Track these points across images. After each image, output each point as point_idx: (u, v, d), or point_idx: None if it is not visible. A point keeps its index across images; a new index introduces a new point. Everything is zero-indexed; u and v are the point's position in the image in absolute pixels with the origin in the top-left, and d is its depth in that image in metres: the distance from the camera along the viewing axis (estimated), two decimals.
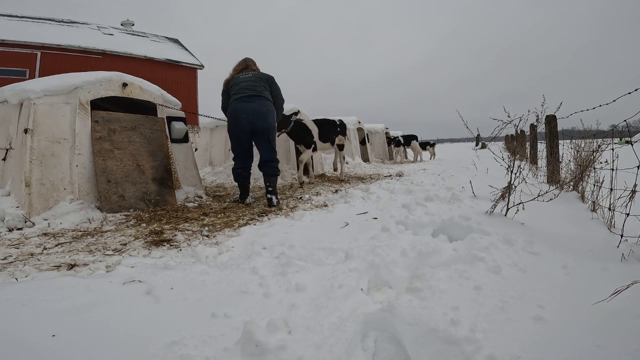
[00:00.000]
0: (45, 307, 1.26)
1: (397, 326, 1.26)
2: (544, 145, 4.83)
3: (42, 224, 2.68)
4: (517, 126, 2.63)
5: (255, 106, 3.53)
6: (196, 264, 1.82)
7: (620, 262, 1.73)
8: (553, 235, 2.19)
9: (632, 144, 1.97)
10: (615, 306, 1.27)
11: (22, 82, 3.30)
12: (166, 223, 2.85)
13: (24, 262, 1.94)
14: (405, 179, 5.33)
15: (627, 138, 2.95)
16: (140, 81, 3.66)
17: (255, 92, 3.57)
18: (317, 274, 1.66)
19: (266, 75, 3.76)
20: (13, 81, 3.66)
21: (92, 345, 1.10)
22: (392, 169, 8.02)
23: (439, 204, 2.97)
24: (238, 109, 3.50)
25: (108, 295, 1.40)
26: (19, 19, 15.45)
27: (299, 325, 1.24)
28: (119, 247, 2.23)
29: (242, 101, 3.52)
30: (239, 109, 3.50)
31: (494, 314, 1.30)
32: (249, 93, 3.55)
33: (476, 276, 1.55)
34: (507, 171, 2.68)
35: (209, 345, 1.14)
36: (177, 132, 3.91)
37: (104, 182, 3.13)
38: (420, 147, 12.35)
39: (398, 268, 1.74)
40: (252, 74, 3.69)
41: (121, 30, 18.70)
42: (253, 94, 3.55)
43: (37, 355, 1.03)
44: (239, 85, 3.60)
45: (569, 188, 3.49)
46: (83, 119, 3.16)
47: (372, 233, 2.25)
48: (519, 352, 1.09)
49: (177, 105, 4.04)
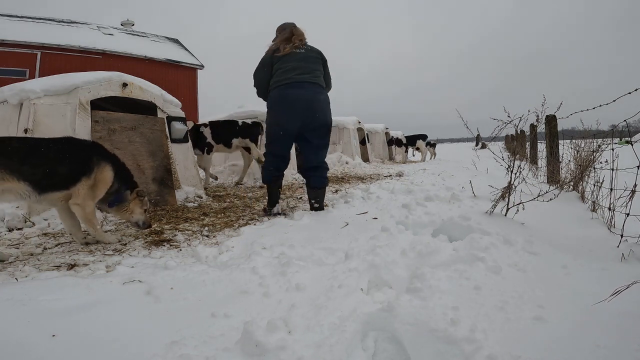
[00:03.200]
0: (45, 307, 1.26)
1: (397, 326, 1.26)
2: (544, 145, 4.83)
3: (42, 224, 2.68)
4: (517, 126, 2.63)
5: (313, 95, 2.82)
6: (196, 264, 1.82)
7: (620, 262, 1.73)
8: (553, 235, 2.19)
9: (632, 144, 1.97)
10: (615, 306, 1.26)
11: (22, 82, 3.30)
12: (166, 223, 2.86)
13: (24, 262, 1.94)
14: (405, 179, 5.33)
15: (627, 138, 2.94)
16: (140, 81, 3.66)
17: (313, 76, 2.85)
18: (317, 274, 1.65)
19: (319, 51, 3.00)
20: (13, 81, 3.66)
21: (92, 345, 1.10)
22: (392, 169, 8.02)
23: (439, 204, 2.97)
24: (289, 97, 2.77)
25: (108, 295, 1.40)
26: (19, 19, 15.45)
27: (299, 325, 1.24)
28: (119, 247, 2.23)
29: (293, 87, 2.78)
30: (290, 97, 2.77)
31: (494, 314, 1.30)
32: (304, 78, 2.81)
33: (476, 276, 1.55)
34: (507, 171, 2.68)
35: (209, 345, 1.14)
36: (177, 132, 3.91)
37: None
38: (425, 147, 12.35)
39: (398, 268, 1.73)
40: (305, 50, 2.92)
41: (121, 30, 18.70)
42: (309, 81, 2.82)
43: (38, 355, 1.03)
44: (290, 64, 2.83)
45: (569, 188, 3.49)
46: (83, 119, 3.16)
47: (372, 233, 2.25)
48: (519, 352, 1.09)
49: (177, 105, 4.04)
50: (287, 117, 2.81)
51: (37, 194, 1.96)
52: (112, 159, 2.28)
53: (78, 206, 2.11)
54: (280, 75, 2.83)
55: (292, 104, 2.77)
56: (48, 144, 2.05)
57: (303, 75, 2.82)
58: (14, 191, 1.89)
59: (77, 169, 2.09)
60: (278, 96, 2.81)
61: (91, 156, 2.17)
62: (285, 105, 2.79)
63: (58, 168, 2.02)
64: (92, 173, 2.14)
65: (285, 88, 2.80)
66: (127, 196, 2.34)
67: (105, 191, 2.23)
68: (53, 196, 2.06)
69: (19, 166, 1.88)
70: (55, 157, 2.03)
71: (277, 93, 2.82)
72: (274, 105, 2.86)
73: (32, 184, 1.92)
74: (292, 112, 2.79)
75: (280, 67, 2.85)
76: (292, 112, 2.79)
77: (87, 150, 2.19)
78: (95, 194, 2.17)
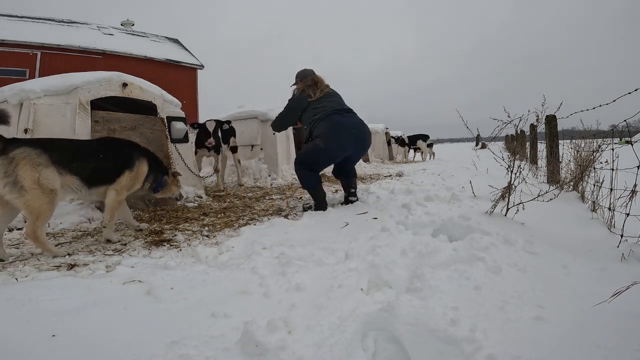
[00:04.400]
0: (45, 307, 1.26)
1: (397, 326, 1.26)
2: (544, 145, 4.83)
3: None
4: (517, 126, 2.62)
5: (362, 121, 3.15)
6: (196, 264, 1.82)
7: (620, 262, 1.73)
8: (553, 235, 2.19)
9: (632, 144, 1.97)
10: (615, 306, 1.26)
11: (22, 82, 3.30)
12: (166, 223, 2.86)
13: (24, 262, 1.94)
14: (405, 179, 5.33)
15: (627, 138, 2.94)
16: (140, 81, 3.66)
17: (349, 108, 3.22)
18: (317, 274, 1.65)
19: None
20: (13, 81, 3.66)
21: (92, 345, 1.10)
22: (392, 169, 8.02)
23: (439, 204, 2.96)
24: (345, 124, 3.01)
25: (108, 295, 1.40)
26: (19, 19, 15.44)
27: (299, 325, 1.24)
28: (119, 247, 2.23)
29: (343, 115, 3.07)
30: (346, 124, 3.01)
31: (494, 314, 1.30)
32: (347, 108, 3.19)
33: (476, 276, 1.55)
34: (507, 171, 2.68)
35: (209, 345, 1.14)
36: (177, 132, 3.90)
37: None
38: (426, 147, 12.35)
39: (398, 268, 1.73)
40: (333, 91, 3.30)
41: (121, 30, 18.69)
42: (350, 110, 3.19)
43: (38, 355, 1.03)
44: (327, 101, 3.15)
45: (569, 188, 3.49)
46: (83, 119, 3.16)
47: (372, 233, 2.25)
48: (519, 352, 1.09)
49: (177, 105, 4.04)
50: (346, 143, 3.02)
51: (87, 187, 2.22)
52: (147, 154, 2.59)
53: (115, 191, 2.36)
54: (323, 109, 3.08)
55: (350, 130, 3.01)
56: (93, 144, 2.38)
57: (344, 107, 3.17)
58: (66, 185, 2.13)
59: (122, 164, 2.39)
60: (335, 123, 3.00)
61: (132, 153, 2.48)
62: (345, 133, 2.99)
63: (104, 164, 2.29)
64: (134, 167, 2.44)
65: (338, 115, 3.03)
66: (166, 181, 2.73)
67: (142, 182, 2.53)
68: (102, 189, 2.32)
69: (71, 163, 2.13)
70: (102, 155, 2.30)
71: (333, 120, 3.01)
72: (333, 132, 2.99)
73: (82, 179, 2.18)
74: (351, 138, 3.02)
75: (319, 105, 3.11)
76: (351, 138, 3.02)
77: (128, 148, 2.50)
78: (133, 185, 2.47)
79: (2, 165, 1.90)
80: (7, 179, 1.90)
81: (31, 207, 1.95)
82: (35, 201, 1.95)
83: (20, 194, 1.92)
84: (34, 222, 1.97)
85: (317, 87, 3.22)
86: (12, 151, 1.94)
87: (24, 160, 1.94)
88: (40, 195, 1.96)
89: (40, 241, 1.99)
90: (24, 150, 1.97)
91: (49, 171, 2.01)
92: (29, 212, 1.96)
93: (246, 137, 6.21)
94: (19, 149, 1.96)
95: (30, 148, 1.99)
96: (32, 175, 1.94)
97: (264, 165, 5.84)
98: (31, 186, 1.94)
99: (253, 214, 3.18)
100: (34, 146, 2.02)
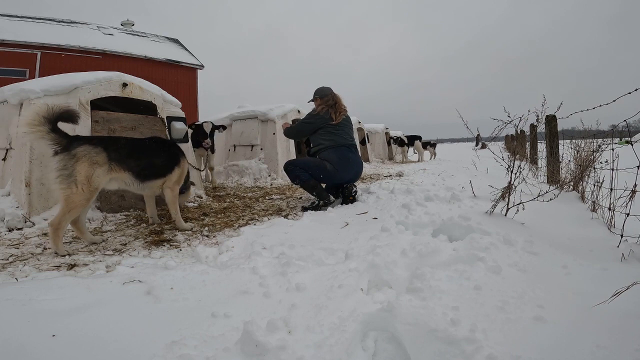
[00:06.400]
0: (45, 307, 1.26)
1: (397, 326, 1.26)
2: (544, 145, 4.83)
3: (42, 224, 2.68)
4: (517, 126, 2.62)
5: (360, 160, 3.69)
6: (196, 264, 1.82)
7: (620, 262, 1.73)
8: (553, 235, 2.19)
9: (632, 144, 1.97)
10: (615, 306, 1.26)
11: (22, 82, 3.30)
12: (166, 223, 2.85)
13: (24, 262, 1.94)
14: (405, 179, 5.33)
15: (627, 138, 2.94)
16: (140, 81, 3.66)
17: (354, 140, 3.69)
18: (317, 274, 1.65)
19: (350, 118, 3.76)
20: (13, 81, 3.66)
21: (92, 346, 1.10)
22: (392, 169, 8.02)
23: (439, 204, 2.96)
24: (350, 160, 3.51)
25: (108, 295, 1.40)
26: (19, 19, 15.43)
27: (299, 325, 1.24)
28: (119, 247, 2.23)
29: (352, 152, 3.57)
30: (351, 161, 3.52)
31: (494, 314, 1.30)
32: (353, 142, 3.63)
33: (476, 276, 1.55)
34: (507, 171, 2.68)
35: (209, 345, 1.14)
36: (177, 132, 3.90)
37: None
38: (422, 148, 12.35)
39: (398, 268, 1.73)
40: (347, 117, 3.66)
41: (121, 30, 18.69)
42: (355, 145, 3.66)
43: (38, 355, 1.03)
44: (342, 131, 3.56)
45: (569, 188, 3.49)
46: (83, 119, 3.16)
47: (372, 233, 2.25)
48: (519, 352, 1.09)
49: (177, 105, 4.04)
50: (346, 175, 3.53)
51: (140, 182, 2.41)
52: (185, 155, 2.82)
53: (170, 189, 2.63)
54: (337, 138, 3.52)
55: (352, 166, 3.54)
56: (144, 142, 2.55)
57: (352, 141, 3.64)
58: (119, 180, 2.32)
59: (171, 161, 2.62)
60: (344, 157, 3.49)
61: (178, 151, 2.72)
62: (348, 167, 3.51)
63: (155, 161, 2.51)
64: (181, 164, 2.68)
65: (347, 151, 3.53)
66: (189, 185, 3.00)
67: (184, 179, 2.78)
68: (153, 184, 2.52)
69: (125, 160, 2.30)
70: (154, 153, 2.51)
71: (344, 154, 3.49)
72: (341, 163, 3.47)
73: (135, 174, 2.36)
74: (352, 173, 3.56)
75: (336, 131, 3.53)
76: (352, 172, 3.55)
77: (174, 147, 2.74)
78: (180, 181, 2.71)
79: (64, 159, 2.06)
80: (63, 171, 2.05)
81: (70, 200, 2.07)
82: (77, 196, 2.07)
83: (67, 186, 2.05)
84: (64, 214, 2.07)
85: (336, 108, 3.57)
86: (75, 148, 2.09)
87: (84, 157, 2.10)
88: (83, 192, 2.09)
89: (57, 234, 2.06)
90: (85, 148, 2.12)
91: (102, 170, 2.17)
92: (67, 204, 2.06)
93: (246, 137, 6.21)
94: (81, 147, 2.11)
95: (91, 146, 2.15)
96: (88, 172, 2.11)
97: (264, 165, 5.84)
98: (82, 181, 2.08)
99: (253, 214, 3.18)
100: (95, 144, 2.17)
